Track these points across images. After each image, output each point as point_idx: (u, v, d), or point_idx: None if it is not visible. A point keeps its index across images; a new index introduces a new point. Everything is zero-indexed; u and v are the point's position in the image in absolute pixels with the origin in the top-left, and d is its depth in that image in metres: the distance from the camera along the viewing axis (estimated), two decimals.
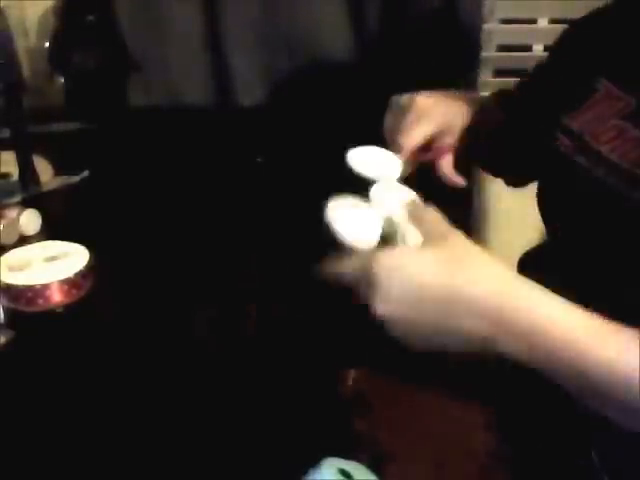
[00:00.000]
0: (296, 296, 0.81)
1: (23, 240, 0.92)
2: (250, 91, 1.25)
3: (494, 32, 1.32)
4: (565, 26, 0.80)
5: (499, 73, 1.38)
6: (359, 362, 0.68)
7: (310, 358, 0.70)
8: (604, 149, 0.68)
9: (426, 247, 0.55)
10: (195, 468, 0.57)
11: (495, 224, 1.33)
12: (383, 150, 0.70)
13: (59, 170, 1.13)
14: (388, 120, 0.78)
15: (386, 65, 1.18)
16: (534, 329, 0.51)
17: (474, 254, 0.55)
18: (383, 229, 0.59)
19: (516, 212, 0.99)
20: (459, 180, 0.78)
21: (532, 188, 0.76)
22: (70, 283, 0.78)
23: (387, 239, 0.59)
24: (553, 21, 1.34)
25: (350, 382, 0.66)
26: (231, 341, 0.73)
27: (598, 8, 0.76)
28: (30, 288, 0.76)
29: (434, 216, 0.57)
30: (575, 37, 0.79)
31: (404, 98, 0.78)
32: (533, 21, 1.36)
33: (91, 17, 1.19)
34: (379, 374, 0.67)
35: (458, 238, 0.55)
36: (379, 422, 0.61)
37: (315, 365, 0.69)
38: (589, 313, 0.52)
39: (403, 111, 0.77)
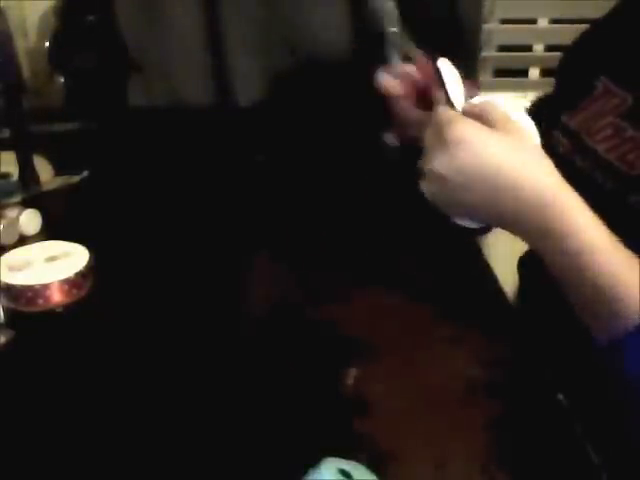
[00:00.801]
0: (295, 295, 0.81)
1: (23, 240, 0.92)
2: (250, 91, 1.26)
3: (494, 32, 1.32)
4: (563, 26, 0.80)
5: (499, 73, 1.38)
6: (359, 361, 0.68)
7: (310, 357, 0.70)
8: (600, 148, 0.68)
9: (498, 131, 0.59)
10: (195, 468, 0.57)
11: None
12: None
13: (59, 170, 1.13)
14: None
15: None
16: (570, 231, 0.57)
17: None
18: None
19: None
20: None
21: None
22: (70, 283, 0.78)
23: None
24: (553, 21, 1.34)
25: (350, 382, 0.66)
26: (231, 341, 0.73)
27: (614, 8, 0.76)
28: (30, 288, 0.76)
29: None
30: (587, 36, 0.79)
31: None
32: (533, 21, 1.36)
33: (91, 17, 1.19)
34: (379, 372, 0.67)
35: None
36: (379, 422, 0.61)
37: (315, 365, 0.69)
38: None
39: None
